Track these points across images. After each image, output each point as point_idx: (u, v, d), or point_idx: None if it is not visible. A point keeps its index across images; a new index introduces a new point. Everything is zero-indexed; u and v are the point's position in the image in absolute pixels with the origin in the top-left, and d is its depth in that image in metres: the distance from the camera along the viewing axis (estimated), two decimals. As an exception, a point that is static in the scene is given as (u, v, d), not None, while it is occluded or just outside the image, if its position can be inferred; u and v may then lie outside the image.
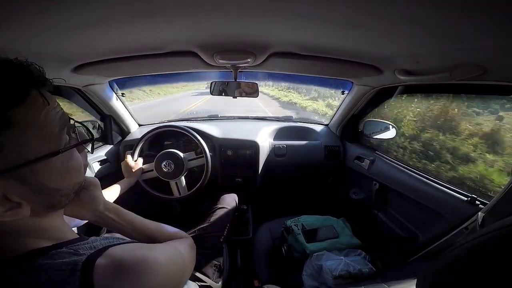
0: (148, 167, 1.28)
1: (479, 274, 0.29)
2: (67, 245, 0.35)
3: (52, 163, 0.31)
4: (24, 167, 0.28)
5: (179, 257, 0.47)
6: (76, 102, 1.23)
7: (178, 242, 0.55)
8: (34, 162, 0.29)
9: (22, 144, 0.28)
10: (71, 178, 0.35)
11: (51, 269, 0.30)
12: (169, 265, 0.39)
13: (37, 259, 0.31)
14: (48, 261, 0.31)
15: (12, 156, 0.27)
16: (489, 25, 0.41)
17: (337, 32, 0.57)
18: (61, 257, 0.32)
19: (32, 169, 0.29)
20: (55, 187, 0.33)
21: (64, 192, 0.35)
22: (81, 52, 0.73)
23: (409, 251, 1.01)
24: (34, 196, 0.31)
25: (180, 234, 0.61)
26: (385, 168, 1.24)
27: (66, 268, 0.30)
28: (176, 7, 0.44)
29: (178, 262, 0.45)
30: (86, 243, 0.37)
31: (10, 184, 0.28)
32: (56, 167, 0.32)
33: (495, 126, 1.38)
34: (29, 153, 0.28)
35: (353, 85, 1.28)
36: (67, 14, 0.44)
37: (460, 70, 0.62)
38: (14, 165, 0.27)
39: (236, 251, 1.31)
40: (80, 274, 0.30)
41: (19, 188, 0.29)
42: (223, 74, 1.21)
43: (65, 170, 0.34)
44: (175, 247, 0.49)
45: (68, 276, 0.29)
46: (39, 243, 0.33)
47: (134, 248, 0.37)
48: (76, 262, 0.31)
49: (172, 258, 0.43)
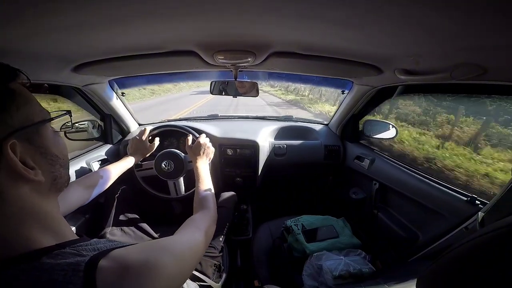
0: (147, 165, 1.28)
1: (479, 274, 0.29)
2: (70, 245, 0.35)
3: (48, 129, 0.39)
4: (31, 127, 0.35)
5: (193, 248, 0.48)
6: (76, 101, 1.22)
7: (201, 221, 0.63)
8: (39, 123, 0.36)
9: (28, 110, 0.35)
10: (63, 148, 0.42)
11: (53, 269, 0.30)
12: (178, 264, 0.39)
13: (39, 259, 0.31)
14: (51, 260, 0.31)
15: (23, 118, 0.34)
16: (489, 25, 0.41)
17: (337, 32, 0.57)
18: (64, 257, 0.32)
19: (38, 130, 0.36)
20: (55, 152, 0.39)
21: (61, 162, 0.40)
22: (81, 52, 0.73)
23: (409, 251, 1.01)
24: (42, 161, 0.36)
25: (208, 202, 0.76)
26: (385, 167, 1.24)
27: (69, 268, 0.30)
28: (176, 7, 0.44)
29: (190, 256, 0.45)
30: (89, 244, 0.37)
31: (24, 146, 0.34)
32: (51, 135, 0.39)
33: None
34: (34, 117, 0.36)
35: (353, 85, 1.28)
36: (67, 14, 0.44)
37: (460, 70, 0.62)
38: (26, 124, 0.34)
39: (236, 251, 1.31)
40: (83, 274, 0.30)
41: (31, 149, 0.35)
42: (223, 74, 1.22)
43: (57, 140, 0.41)
44: (192, 235, 0.53)
45: (70, 277, 0.29)
46: (44, 240, 0.33)
47: (139, 250, 0.37)
48: (79, 263, 0.31)
49: (183, 255, 0.43)
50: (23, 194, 0.33)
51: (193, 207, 0.77)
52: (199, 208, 0.74)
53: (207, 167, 0.97)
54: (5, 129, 0.32)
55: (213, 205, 0.76)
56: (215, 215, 0.74)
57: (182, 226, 0.58)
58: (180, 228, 0.57)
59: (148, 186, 1.32)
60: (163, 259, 0.36)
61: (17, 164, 0.31)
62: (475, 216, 0.74)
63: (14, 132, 0.32)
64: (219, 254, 0.99)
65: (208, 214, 0.70)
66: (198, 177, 0.88)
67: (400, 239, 1.08)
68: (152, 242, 0.41)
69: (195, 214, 0.69)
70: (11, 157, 0.31)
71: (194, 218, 0.65)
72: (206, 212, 0.71)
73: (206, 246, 0.57)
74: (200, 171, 0.90)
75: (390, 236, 1.14)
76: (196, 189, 0.82)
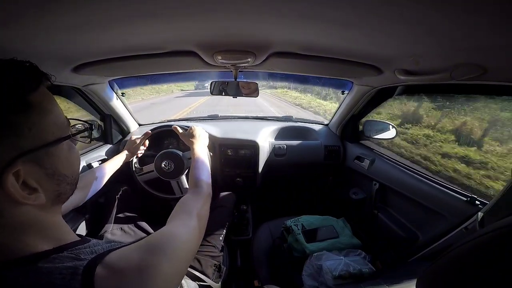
0: (148, 168, 1.28)
1: (479, 274, 0.29)
2: (68, 248, 0.35)
3: (62, 148, 0.36)
4: (42, 149, 0.32)
5: (188, 237, 0.47)
6: (76, 101, 1.22)
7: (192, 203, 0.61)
8: (51, 145, 0.33)
9: (43, 128, 0.33)
10: (74, 165, 0.40)
11: (51, 272, 0.30)
12: (173, 259, 0.39)
13: (38, 263, 0.31)
14: (49, 264, 0.31)
15: (35, 137, 0.31)
16: (489, 25, 0.41)
17: (337, 32, 0.57)
18: (62, 261, 0.32)
19: (48, 152, 0.33)
20: (64, 172, 0.36)
21: (69, 180, 0.38)
22: (81, 52, 0.73)
23: (409, 251, 1.01)
24: (47, 182, 0.34)
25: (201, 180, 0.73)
26: (385, 168, 1.24)
27: (67, 272, 0.30)
28: (176, 7, 0.44)
29: (185, 248, 0.43)
30: (88, 246, 0.37)
31: (30, 167, 0.31)
32: (64, 153, 0.36)
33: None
34: (47, 137, 0.33)
35: (353, 85, 1.28)
36: (67, 14, 0.44)
37: (460, 70, 0.62)
38: (36, 146, 0.31)
39: (236, 251, 1.31)
40: (81, 278, 0.30)
41: (37, 172, 0.32)
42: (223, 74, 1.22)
43: (70, 157, 0.38)
44: (184, 224, 0.50)
45: (69, 280, 0.29)
46: (41, 245, 0.33)
47: (134, 251, 0.36)
48: (77, 267, 0.31)
49: (178, 249, 0.41)
50: (23, 212, 0.32)
51: (188, 187, 0.75)
52: (192, 187, 0.72)
53: (204, 150, 0.95)
54: (11, 154, 0.29)
55: (206, 183, 0.73)
56: (208, 192, 0.71)
57: (173, 213, 0.56)
58: (171, 215, 0.56)
59: (153, 189, 1.31)
60: (155, 259, 0.36)
61: (15, 193, 0.30)
62: (475, 216, 0.74)
63: (20, 156, 0.30)
64: (219, 254, 0.98)
65: (200, 193, 0.68)
66: (194, 158, 0.86)
67: (400, 239, 1.08)
68: (144, 242, 0.39)
69: (186, 195, 0.67)
70: (8, 186, 0.29)
71: (184, 201, 0.62)
72: (197, 191, 0.69)
73: (201, 229, 0.56)
74: (197, 153, 0.88)
75: (390, 236, 1.14)
76: (190, 170, 0.80)
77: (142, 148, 1.16)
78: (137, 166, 1.31)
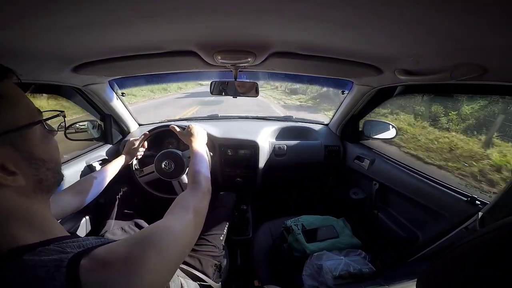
0: (148, 169, 1.28)
1: (479, 274, 0.29)
2: (55, 242, 0.35)
3: (35, 133, 0.37)
4: (16, 132, 0.34)
5: (183, 231, 0.46)
6: (76, 101, 1.22)
7: (190, 198, 0.62)
8: (24, 128, 0.35)
9: (14, 113, 0.35)
10: (52, 152, 0.41)
11: (36, 265, 0.30)
12: (164, 255, 0.37)
13: (23, 256, 0.31)
14: (34, 257, 0.31)
15: (6, 122, 0.33)
16: (489, 25, 0.41)
17: (337, 32, 0.57)
18: (48, 254, 0.32)
19: (23, 134, 0.35)
20: (41, 157, 0.38)
21: (49, 165, 0.39)
22: (81, 52, 0.73)
23: (409, 251, 1.01)
24: (25, 166, 0.35)
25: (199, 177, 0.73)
26: (385, 168, 1.24)
27: (51, 265, 0.30)
28: (176, 7, 0.44)
29: (178, 243, 0.42)
30: (76, 241, 0.36)
31: (6, 151, 0.33)
32: (38, 138, 0.38)
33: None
34: (19, 121, 0.35)
35: (353, 85, 1.28)
36: (67, 14, 0.44)
37: (460, 70, 0.62)
38: (9, 129, 0.33)
39: (236, 251, 1.31)
40: (66, 270, 0.30)
41: (13, 155, 0.34)
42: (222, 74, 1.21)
43: (46, 142, 0.40)
44: (179, 219, 0.50)
45: (53, 273, 0.29)
46: (28, 237, 0.33)
47: (122, 245, 0.36)
48: (62, 259, 0.31)
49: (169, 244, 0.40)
50: (6, 196, 0.33)
51: (187, 183, 0.75)
52: (191, 183, 0.72)
53: (203, 147, 0.95)
54: None
55: (204, 179, 0.73)
56: (207, 188, 0.71)
57: (170, 209, 0.56)
58: (168, 210, 0.55)
59: (154, 190, 1.31)
60: (143, 252, 0.35)
61: None
62: (475, 216, 0.74)
63: None
64: (220, 253, 0.99)
65: (198, 189, 0.68)
66: (193, 156, 0.85)
67: (400, 239, 1.08)
68: (136, 235, 0.39)
69: (184, 191, 0.67)
70: None
71: (182, 197, 0.62)
72: (195, 187, 0.69)
73: (198, 223, 0.55)
74: (196, 150, 0.88)
75: (390, 236, 1.14)
76: (189, 167, 0.80)
77: (141, 149, 1.16)
78: (137, 167, 1.31)
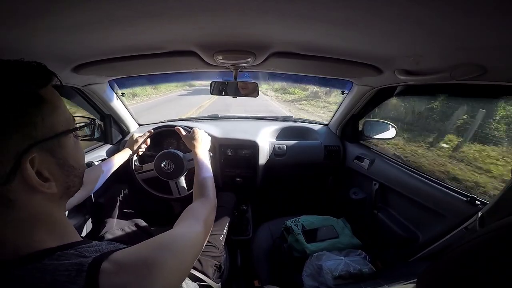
0: (148, 167, 1.28)
1: (479, 274, 0.29)
2: (73, 247, 0.35)
3: (70, 139, 0.38)
4: (54, 139, 0.35)
5: (193, 240, 0.48)
6: (76, 101, 1.22)
7: (200, 210, 0.62)
8: (61, 135, 0.36)
9: (54, 120, 0.35)
10: (81, 158, 0.42)
11: (56, 269, 0.30)
12: (178, 260, 0.39)
13: (43, 260, 0.31)
14: (54, 262, 0.31)
15: (47, 128, 0.34)
16: (489, 25, 0.41)
17: (337, 32, 0.57)
18: (67, 258, 0.32)
19: (59, 142, 0.36)
20: (72, 164, 0.38)
21: (77, 172, 0.40)
22: (81, 52, 0.73)
23: (409, 251, 1.01)
24: (58, 172, 0.36)
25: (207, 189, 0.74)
26: (385, 168, 1.24)
27: (72, 269, 0.30)
28: (176, 7, 0.44)
29: (190, 250, 0.45)
30: (91, 246, 0.37)
31: (44, 156, 0.33)
32: (72, 145, 0.39)
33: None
34: (58, 128, 0.36)
35: (353, 85, 1.28)
36: (67, 14, 0.44)
37: (460, 70, 0.62)
38: (48, 136, 0.34)
39: (236, 251, 1.31)
40: (86, 274, 0.30)
41: (49, 161, 0.34)
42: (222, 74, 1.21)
43: (77, 149, 0.41)
44: (191, 228, 0.52)
45: (74, 277, 0.30)
46: (48, 242, 0.34)
47: (138, 250, 0.37)
48: (82, 263, 0.31)
49: (183, 250, 0.42)
50: (35, 202, 0.33)
51: (193, 194, 0.75)
52: (199, 195, 0.72)
53: (206, 154, 0.95)
54: (27, 142, 0.31)
55: (212, 192, 0.74)
56: (215, 202, 0.72)
57: (181, 218, 0.57)
58: (178, 219, 0.56)
59: (150, 187, 1.32)
60: (162, 256, 0.36)
61: (33, 178, 0.31)
62: (475, 216, 0.74)
63: (36, 144, 0.32)
64: (220, 254, 0.98)
65: (207, 202, 0.68)
66: (197, 164, 0.85)
67: (400, 239, 1.08)
68: (151, 240, 0.41)
69: (194, 203, 0.68)
70: (27, 172, 0.31)
71: (193, 208, 0.63)
72: (205, 200, 0.69)
73: (206, 236, 0.56)
74: (200, 158, 0.88)
75: (390, 236, 1.14)
76: (195, 177, 0.80)
77: (144, 146, 1.16)
78: (137, 164, 1.31)
